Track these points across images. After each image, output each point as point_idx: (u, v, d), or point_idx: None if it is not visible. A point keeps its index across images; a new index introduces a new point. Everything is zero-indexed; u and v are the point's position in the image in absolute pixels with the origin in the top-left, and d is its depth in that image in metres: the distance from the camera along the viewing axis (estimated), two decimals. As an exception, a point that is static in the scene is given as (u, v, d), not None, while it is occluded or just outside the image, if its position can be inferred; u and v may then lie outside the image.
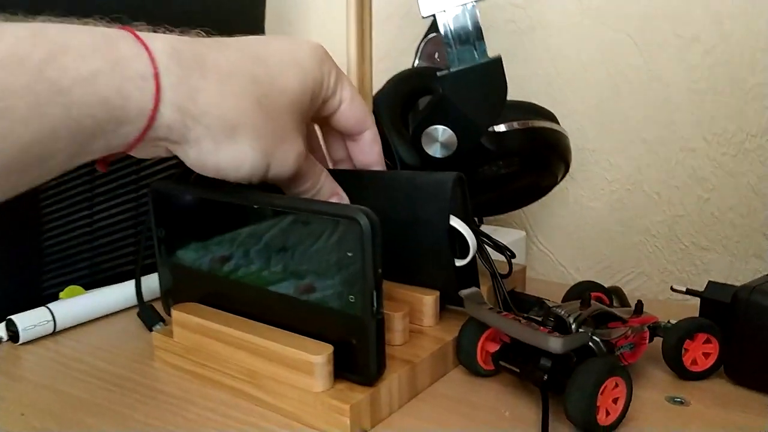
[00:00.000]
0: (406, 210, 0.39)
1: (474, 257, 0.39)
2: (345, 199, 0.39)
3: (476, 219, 0.61)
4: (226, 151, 0.31)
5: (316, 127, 0.43)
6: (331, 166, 0.44)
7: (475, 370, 0.38)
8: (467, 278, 0.40)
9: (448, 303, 0.42)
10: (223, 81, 0.31)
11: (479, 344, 0.38)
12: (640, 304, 0.39)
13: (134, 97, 0.28)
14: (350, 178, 0.40)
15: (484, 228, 0.60)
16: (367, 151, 0.41)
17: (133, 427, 0.35)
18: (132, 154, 0.32)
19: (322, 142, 0.44)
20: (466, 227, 0.37)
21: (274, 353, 0.35)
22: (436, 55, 0.52)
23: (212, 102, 0.30)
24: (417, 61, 0.52)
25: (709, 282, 0.41)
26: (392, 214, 0.38)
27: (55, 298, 0.50)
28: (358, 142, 0.41)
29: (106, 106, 0.27)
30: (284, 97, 0.33)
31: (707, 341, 0.37)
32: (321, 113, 0.38)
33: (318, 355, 0.33)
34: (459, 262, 0.39)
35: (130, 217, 0.55)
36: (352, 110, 0.38)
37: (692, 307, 0.43)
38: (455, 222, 0.37)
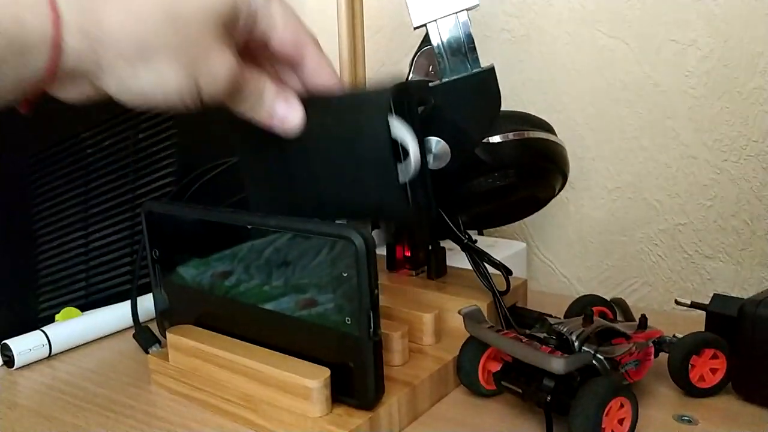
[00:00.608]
0: (349, 127, 0.36)
1: (425, 172, 0.36)
2: (294, 103, 0.37)
3: (476, 231, 0.60)
4: (145, 75, 0.30)
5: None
6: None
7: (476, 390, 0.38)
8: (420, 196, 0.37)
9: (394, 220, 0.39)
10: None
11: (480, 363, 0.37)
12: (644, 319, 0.39)
13: (30, 22, 0.27)
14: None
15: (483, 240, 0.59)
16: (317, 72, 0.38)
17: (127, 456, 0.34)
18: (60, 97, 0.31)
19: None
20: (408, 130, 0.34)
21: (270, 377, 0.34)
22: (431, 68, 0.51)
23: (117, 22, 0.29)
24: (411, 75, 0.52)
25: (715, 295, 0.40)
26: (337, 133, 0.36)
27: (50, 319, 0.49)
28: (305, 67, 0.38)
29: (2, 35, 0.27)
30: (200, 10, 0.31)
31: (714, 356, 0.36)
32: (256, 35, 0.35)
33: (314, 380, 0.33)
34: (402, 174, 0.35)
35: (125, 236, 0.55)
36: (287, 29, 0.36)
37: (698, 318, 0.42)
38: (394, 124, 0.34)
